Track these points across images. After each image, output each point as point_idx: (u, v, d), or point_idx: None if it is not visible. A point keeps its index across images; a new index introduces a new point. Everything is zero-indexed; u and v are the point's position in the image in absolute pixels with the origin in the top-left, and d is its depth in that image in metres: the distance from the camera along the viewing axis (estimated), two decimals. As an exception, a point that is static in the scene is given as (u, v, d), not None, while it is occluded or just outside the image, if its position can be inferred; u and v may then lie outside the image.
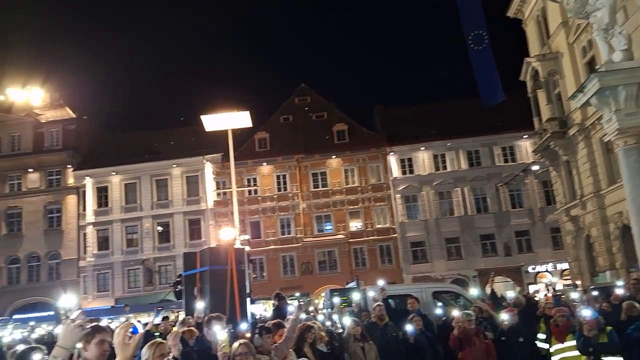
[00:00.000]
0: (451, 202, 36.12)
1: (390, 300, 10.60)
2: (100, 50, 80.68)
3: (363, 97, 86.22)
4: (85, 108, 43.52)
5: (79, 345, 2.39)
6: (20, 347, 6.33)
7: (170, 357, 3.53)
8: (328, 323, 8.11)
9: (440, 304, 11.46)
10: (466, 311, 8.43)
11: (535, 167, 28.32)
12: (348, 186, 36.90)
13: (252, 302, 11.91)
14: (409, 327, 8.10)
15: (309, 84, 43.03)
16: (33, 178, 38.11)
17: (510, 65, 34.07)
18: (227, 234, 17.78)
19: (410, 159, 36.60)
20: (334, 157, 37.19)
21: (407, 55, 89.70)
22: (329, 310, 12.83)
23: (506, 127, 34.75)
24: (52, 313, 32.66)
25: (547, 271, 33.72)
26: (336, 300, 12.27)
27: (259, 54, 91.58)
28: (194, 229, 36.50)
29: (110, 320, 18.49)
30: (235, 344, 4.44)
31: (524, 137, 34.31)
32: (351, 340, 7.78)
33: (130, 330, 2.49)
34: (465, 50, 11.96)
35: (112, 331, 2.92)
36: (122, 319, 21.38)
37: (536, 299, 14.60)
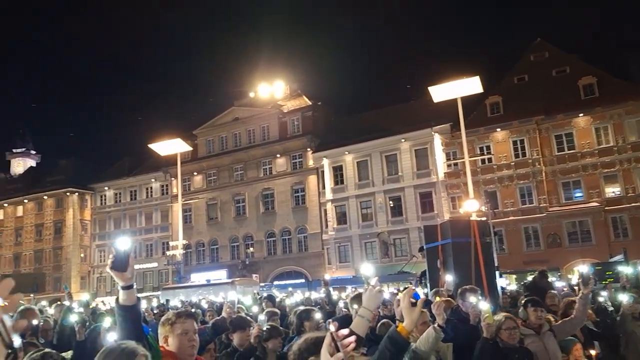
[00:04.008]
0: None
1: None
2: (326, 37, 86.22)
3: (613, 44, 73.65)
4: (318, 94, 47.12)
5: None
6: (299, 308, 6.91)
7: (436, 325, 3.56)
8: (601, 299, 7.08)
9: None
10: None
11: None
12: (600, 147, 32.20)
13: (500, 275, 11.16)
14: None
15: (545, 37, 38.54)
16: (280, 162, 42.80)
17: None
18: (470, 206, 17.37)
19: (684, 108, 30.16)
20: (581, 115, 32.76)
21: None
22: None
23: None
24: (303, 281, 36.46)
25: None
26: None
27: (485, 13, 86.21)
28: (426, 202, 36.33)
29: (354, 289, 19.50)
30: (500, 317, 4.35)
31: None
32: (628, 319, 6.82)
33: (412, 295, 2.65)
34: None
35: None
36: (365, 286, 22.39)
37: None
